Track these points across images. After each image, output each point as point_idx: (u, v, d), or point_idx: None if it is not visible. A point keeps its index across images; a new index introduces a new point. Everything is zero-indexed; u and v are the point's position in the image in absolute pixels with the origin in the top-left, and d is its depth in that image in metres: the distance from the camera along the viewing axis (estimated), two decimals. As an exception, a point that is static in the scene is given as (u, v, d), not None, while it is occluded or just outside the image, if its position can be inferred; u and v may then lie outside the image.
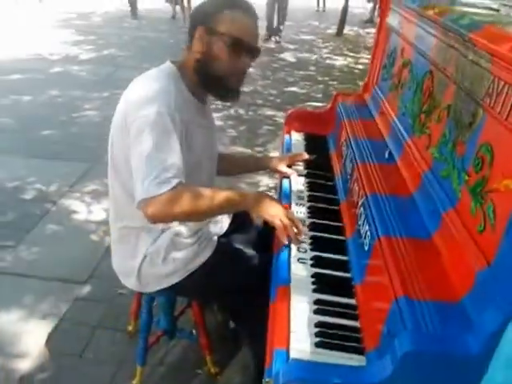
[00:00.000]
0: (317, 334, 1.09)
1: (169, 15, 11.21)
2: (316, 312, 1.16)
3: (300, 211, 1.58)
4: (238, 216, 1.78)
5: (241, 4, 1.43)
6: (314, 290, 1.24)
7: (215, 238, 1.65)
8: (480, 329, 0.87)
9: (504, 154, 0.97)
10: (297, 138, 2.17)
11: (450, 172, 1.19)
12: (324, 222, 1.53)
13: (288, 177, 1.82)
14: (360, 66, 7.71)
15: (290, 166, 1.87)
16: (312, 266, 1.33)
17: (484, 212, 0.98)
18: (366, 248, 1.26)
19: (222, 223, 1.75)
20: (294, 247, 1.39)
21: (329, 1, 14.17)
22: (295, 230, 1.40)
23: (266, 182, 3.64)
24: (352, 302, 1.21)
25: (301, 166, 1.88)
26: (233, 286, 1.59)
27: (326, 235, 1.47)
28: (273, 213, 1.40)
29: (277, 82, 6.55)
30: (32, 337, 2.21)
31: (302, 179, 1.80)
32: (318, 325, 1.12)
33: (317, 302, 1.19)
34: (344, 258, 1.38)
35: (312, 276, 1.29)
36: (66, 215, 3.16)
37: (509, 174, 0.93)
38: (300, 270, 1.31)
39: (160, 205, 1.28)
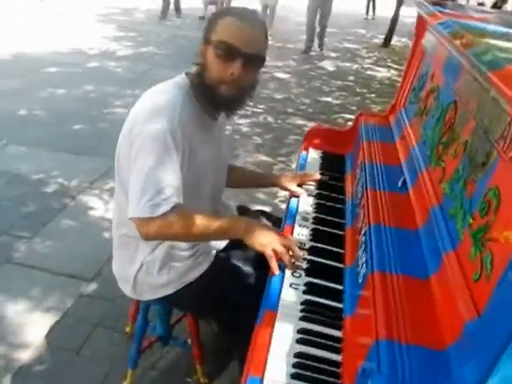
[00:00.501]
0: (294, 365, 1.06)
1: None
2: (298, 341, 1.13)
3: (302, 233, 1.55)
4: None
5: (235, 11, 1.39)
6: (301, 318, 1.20)
7: (213, 252, 1.64)
8: (459, 382, 0.82)
9: (510, 202, 0.92)
10: (314, 155, 2.13)
11: (457, 211, 1.13)
12: (325, 246, 1.49)
13: (297, 196, 1.79)
14: (402, 80, 7.60)
15: (300, 186, 1.84)
16: (304, 292, 1.29)
17: (482, 260, 0.93)
18: (360, 280, 1.22)
19: None
20: (288, 272, 1.35)
21: (379, 8, 14.01)
22: (291, 255, 1.37)
23: (284, 192, 3.59)
24: (338, 334, 1.17)
25: (312, 186, 1.85)
26: (227, 302, 1.58)
27: (324, 261, 1.42)
28: (264, 242, 1.37)
29: (311, 91, 6.51)
30: (34, 329, 2.26)
31: (312, 199, 1.76)
32: (298, 355, 1.09)
33: (301, 331, 1.16)
34: (339, 287, 1.33)
35: (302, 303, 1.25)
36: (82, 211, 3.21)
37: (511, 224, 0.87)
38: (290, 296, 1.27)
39: (153, 227, 1.33)
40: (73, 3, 11.65)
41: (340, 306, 1.26)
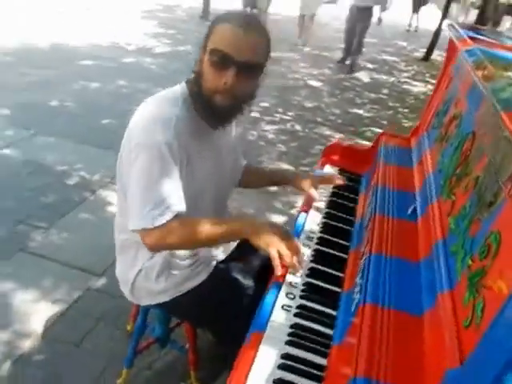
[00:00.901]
0: None
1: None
2: (280, 367, 1.10)
3: (304, 253, 1.51)
4: (243, 242, 1.73)
5: (232, 17, 1.32)
6: (288, 343, 1.17)
7: (213, 263, 1.63)
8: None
9: (509, 250, 0.87)
10: (329, 172, 2.09)
11: (459, 250, 1.09)
12: (325, 269, 1.46)
13: (311, 200, 1.77)
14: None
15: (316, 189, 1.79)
16: (295, 315, 1.26)
17: (474, 307, 0.89)
18: (353, 309, 1.19)
19: (225, 247, 1.71)
20: (283, 292, 1.33)
21: (423, 21, 13.77)
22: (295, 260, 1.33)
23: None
24: (323, 362, 1.14)
25: (322, 204, 1.82)
26: (223, 314, 1.57)
27: (321, 284, 1.39)
28: (269, 241, 1.31)
29: (343, 101, 6.45)
30: (39, 318, 2.31)
31: (320, 217, 1.73)
32: (277, 382, 1.06)
33: (285, 356, 1.13)
34: (333, 312, 1.30)
35: (291, 326, 1.22)
36: (101, 206, 3.25)
37: (506, 274, 0.83)
38: (280, 318, 1.25)
39: (156, 237, 1.34)
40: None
41: (330, 332, 1.23)
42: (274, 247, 1.30)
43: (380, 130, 5.34)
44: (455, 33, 1.91)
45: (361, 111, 6.18)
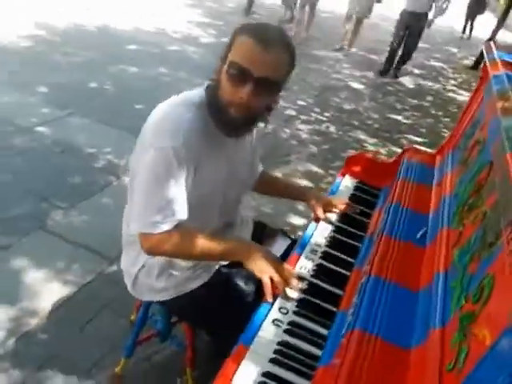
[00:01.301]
0: None
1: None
2: None
3: (306, 267, 1.47)
4: None
5: (255, 30, 1.27)
6: (271, 360, 1.14)
7: (216, 267, 1.61)
8: None
9: (499, 297, 0.81)
10: (348, 183, 2.03)
11: (457, 286, 1.04)
12: (324, 285, 1.41)
13: (317, 220, 1.72)
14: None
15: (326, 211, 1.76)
16: (285, 331, 1.23)
17: (459, 351, 0.84)
18: (343, 332, 1.14)
19: None
20: (276, 306, 1.30)
21: (479, 29, 13.34)
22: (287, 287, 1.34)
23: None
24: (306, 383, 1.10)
25: (334, 217, 1.76)
26: (220, 319, 1.55)
27: (317, 301, 1.34)
28: (263, 269, 1.36)
29: (382, 106, 6.31)
30: (48, 298, 2.35)
31: (329, 231, 1.68)
32: None
33: (266, 374, 1.10)
34: (324, 331, 1.25)
35: (278, 343, 1.19)
36: (123, 192, 3.19)
37: (492, 324, 0.77)
38: (269, 333, 1.21)
39: (153, 243, 1.36)
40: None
41: (319, 353, 1.19)
42: (267, 274, 1.34)
43: (417, 138, 5.23)
44: (490, 54, 1.81)
45: (400, 117, 6.02)
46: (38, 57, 5.55)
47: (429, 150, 2.16)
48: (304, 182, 3.90)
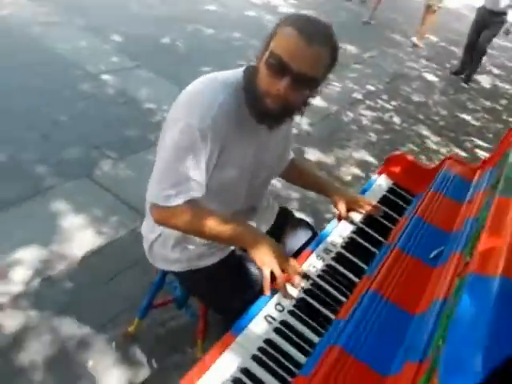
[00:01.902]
0: None
1: None
2: (233, 381, 1.04)
3: (315, 265, 1.41)
4: (274, 233, 1.66)
5: (300, 22, 1.21)
6: (253, 357, 1.10)
7: (231, 248, 1.59)
8: None
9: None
10: (382, 183, 1.92)
11: (443, 322, 0.95)
12: (329, 289, 1.35)
13: (340, 218, 1.66)
14: None
15: (350, 209, 1.69)
16: (275, 330, 1.18)
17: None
18: (332, 341, 1.08)
19: None
20: (273, 301, 1.26)
21: None
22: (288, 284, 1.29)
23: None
24: None
25: (358, 217, 1.68)
26: (227, 301, 1.53)
27: (316, 305, 1.29)
28: (265, 260, 1.31)
29: (453, 103, 5.98)
30: (79, 245, 2.40)
31: (349, 231, 1.61)
32: None
33: (244, 371, 1.06)
34: (316, 338, 1.20)
35: (265, 341, 1.15)
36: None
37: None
38: (259, 328, 1.17)
39: (162, 215, 1.36)
40: None
41: (303, 360, 1.14)
42: (268, 267, 1.30)
43: (481, 143, 4.94)
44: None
45: (469, 117, 5.69)
46: (118, 5, 5.62)
47: (472, 163, 2.01)
48: (355, 171, 3.79)
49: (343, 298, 1.34)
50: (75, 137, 3.15)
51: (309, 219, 2.94)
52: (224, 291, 1.53)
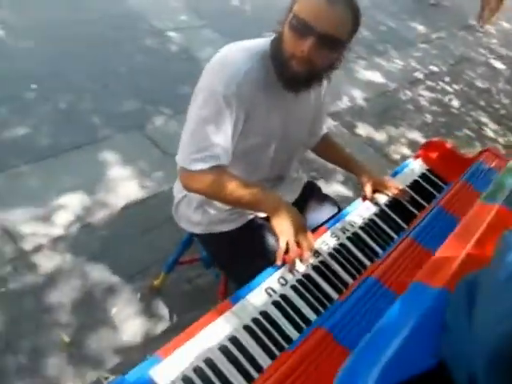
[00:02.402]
0: (195, 369, 0.96)
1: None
2: (220, 349, 1.01)
3: (328, 243, 1.37)
4: (298, 205, 1.64)
5: None
6: (245, 327, 1.08)
7: (252, 216, 1.57)
8: None
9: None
10: (416, 167, 1.81)
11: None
12: (337, 269, 1.30)
13: (365, 199, 1.61)
14: None
15: (376, 190, 1.63)
16: (273, 303, 1.15)
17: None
18: (321, 322, 1.07)
19: None
20: (277, 275, 1.23)
21: None
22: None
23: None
24: (265, 363, 1.02)
25: (384, 199, 1.62)
26: (242, 268, 1.50)
27: (321, 283, 1.24)
28: (283, 228, 1.29)
29: (520, 92, 5.59)
30: (123, 196, 2.44)
31: (371, 212, 1.56)
32: (207, 362, 0.98)
33: (232, 339, 1.04)
34: (313, 316, 1.16)
35: (261, 313, 1.12)
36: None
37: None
38: (257, 300, 1.14)
39: (187, 178, 1.37)
40: None
41: (295, 335, 1.10)
42: (285, 237, 1.27)
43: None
44: None
45: (533, 109, 5.32)
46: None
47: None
48: (405, 150, 3.65)
49: (351, 280, 1.29)
50: (133, 90, 3.19)
51: (350, 193, 2.90)
52: (239, 258, 1.53)
